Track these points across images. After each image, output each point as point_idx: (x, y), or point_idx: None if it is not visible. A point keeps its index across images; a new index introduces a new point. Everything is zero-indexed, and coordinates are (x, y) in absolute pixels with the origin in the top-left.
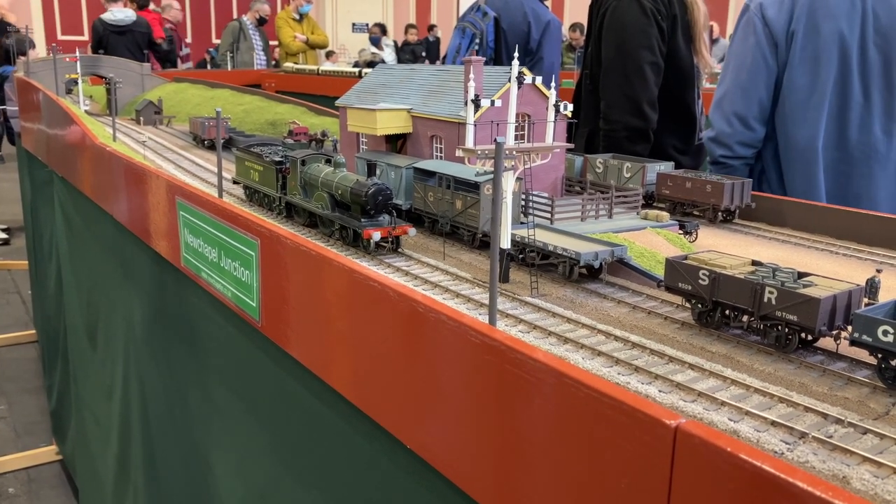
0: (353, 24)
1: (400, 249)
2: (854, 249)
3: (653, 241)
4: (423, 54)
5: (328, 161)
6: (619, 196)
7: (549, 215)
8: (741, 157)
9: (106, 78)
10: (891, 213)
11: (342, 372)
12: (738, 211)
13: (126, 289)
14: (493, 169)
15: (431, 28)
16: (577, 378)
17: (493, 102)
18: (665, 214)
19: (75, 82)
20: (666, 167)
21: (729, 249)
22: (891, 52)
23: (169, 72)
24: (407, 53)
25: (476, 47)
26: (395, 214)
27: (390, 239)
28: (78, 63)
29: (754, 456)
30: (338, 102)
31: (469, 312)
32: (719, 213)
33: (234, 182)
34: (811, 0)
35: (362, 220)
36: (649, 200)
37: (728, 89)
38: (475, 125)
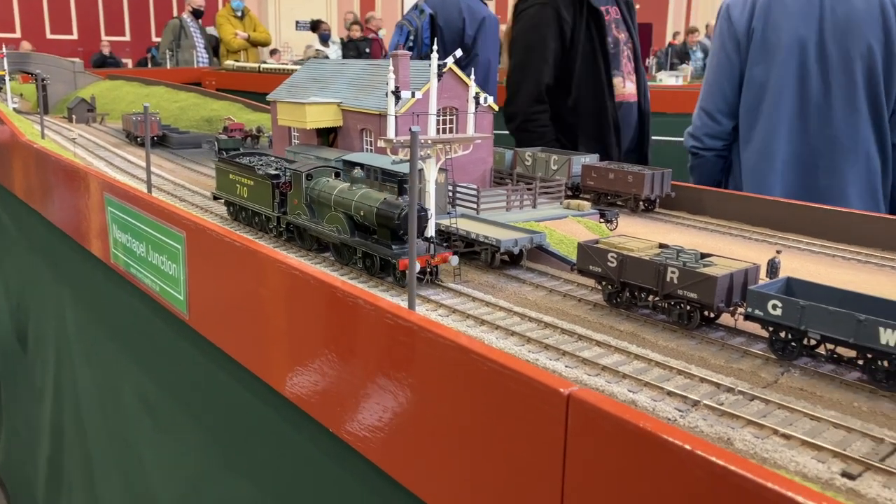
0: (297, 22)
1: (438, 280)
2: (766, 234)
3: (573, 229)
4: (368, 50)
5: (337, 175)
6: (542, 187)
7: (475, 205)
8: (710, 149)
9: (33, 74)
10: (863, 209)
11: (269, 361)
12: (658, 200)
13: (57, 289)
14: (409, 158)
15: (369, 20)
16: (480, 353)
17: (413, 94)
18: (586, 204)
19: (2, 80)
20: (591, 159)
21: (648, 236)
22: (850, 47)
23: (102, 70)
24: (351, 50)
25: (411, 44)
26: (434, 240)
27: (428, 269)
28: (4, 60)
29: (637, 419)
30: (269, 97)
31: (392, 299)
32: (640, 203)
33: (215, 198)
34: (769, 0)
35: (394, 246)
36: (577, 192)
37: (702, 87)
38: (396, 117)
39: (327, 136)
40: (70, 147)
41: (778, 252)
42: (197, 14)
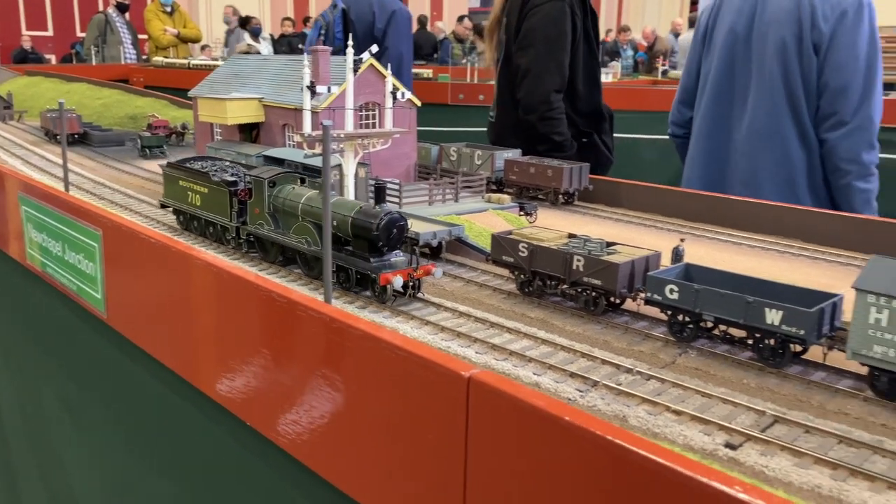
0: None
1: (420, 294)
2: (678, 224)
3: (493, 222)
4: (301, 46)
5: (303, 181)
6: (464, 181)
7: (397, 200)
8: (675, 136)
9: None
10: (778, 199)
11: (187, 358)
12: (577, 193)
13: None
14: (322, 152)
15: (307, 20)
16: (388, 341)
17: (329, 89)
18: (506, 197)
19: None
20: (514, 154)
21: (565, 228)
22: (768, 41)
23: (21, 66)
24: (283, 45)
25: (322, 38)
26: (416, 251)
27: (411, 283)
28: None
29: (532, 397)
30: (190, 93)
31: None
32: (560, 196)
33: (163, 206)
34: None
35: (372, 259)
36: (501, 186)
37: None
38: (317, 112)
39: (250, 132)
40: None
41: (682, 240)
42: (122, 8)
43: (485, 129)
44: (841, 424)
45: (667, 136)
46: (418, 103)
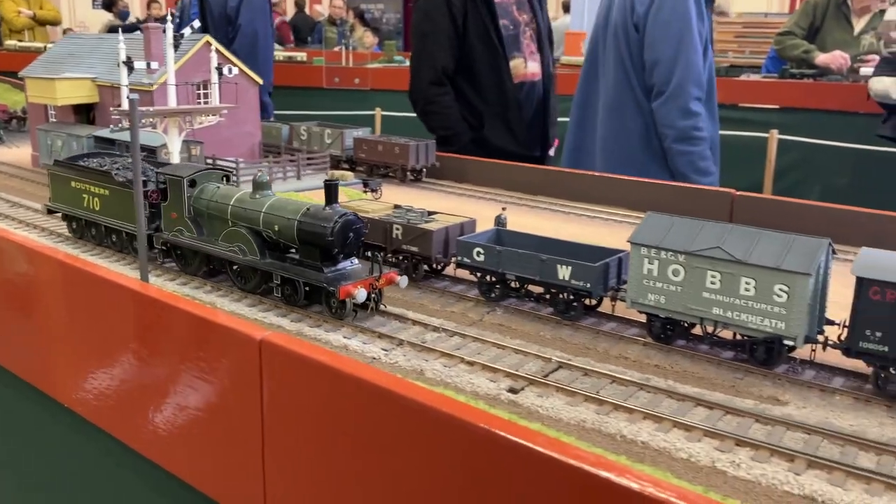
0: (94, 1)
1: (383, 306)
2: (517, 197)
3: None
4: None
5: (227, 179)
6: (307, 159)
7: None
8: None
9: None
10: (623, 162)
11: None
12: (424, 170)
13: None
14: (129, 127)
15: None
16: (193, 313)
17: (148, 65)
18: (349, 174)
19: None
20: (363, 132)
21: (409, 203)
22: (613, 25)
23: None
24: None
25: (178, 21)
26: (378, 257)
27: (373, 294)
28: None
29: (318, 354)
30: (21, 73)
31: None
32: (408, 173)
33: (50, 211)
34: None
35: (325, 269)
36: (353, 164)
37: None
38: (144, 90)
39: (87, 113)
40: None
41: (503, 209)
42: None
43: (364, 112)
44: (619, 367)
45: None
46: (259, 81)
